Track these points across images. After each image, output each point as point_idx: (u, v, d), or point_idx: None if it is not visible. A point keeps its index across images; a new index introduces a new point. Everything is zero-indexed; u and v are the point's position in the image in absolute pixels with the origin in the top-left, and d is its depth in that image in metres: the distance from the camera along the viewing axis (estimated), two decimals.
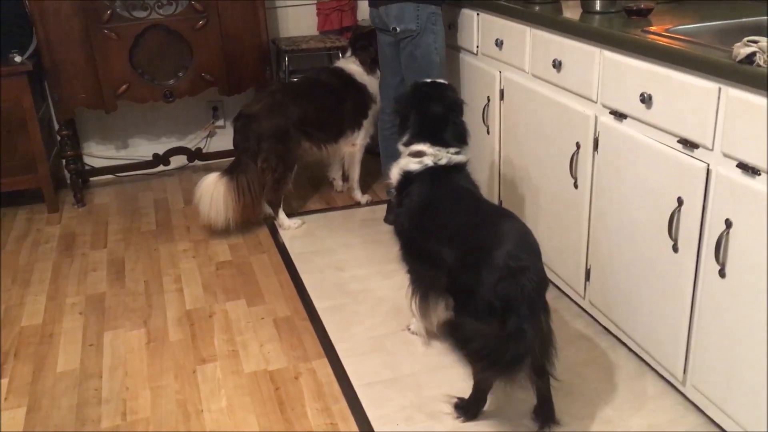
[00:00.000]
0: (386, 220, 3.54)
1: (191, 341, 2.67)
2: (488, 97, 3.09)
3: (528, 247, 2.05)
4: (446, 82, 2.58)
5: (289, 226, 3.55)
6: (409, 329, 2.65)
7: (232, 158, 3.59)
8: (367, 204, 3.81)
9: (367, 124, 3.72)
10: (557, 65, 2.55)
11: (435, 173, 2.36)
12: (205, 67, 3.95)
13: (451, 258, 2.12)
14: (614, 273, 2.41)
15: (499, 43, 2.95)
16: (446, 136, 2.41)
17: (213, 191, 3.32)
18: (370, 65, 3.63)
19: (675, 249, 2.08)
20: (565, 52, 2.50)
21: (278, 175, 3.44)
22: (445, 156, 2.38)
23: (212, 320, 2.80)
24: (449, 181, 2.35)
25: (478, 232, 2.12)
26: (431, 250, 2.21)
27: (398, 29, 3.04)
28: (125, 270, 3.22)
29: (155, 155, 4.30)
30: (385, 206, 3.63)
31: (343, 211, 3.77)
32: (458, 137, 2.43)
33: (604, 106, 2.34)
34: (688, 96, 1.97)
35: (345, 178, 3.97)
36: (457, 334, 1.99)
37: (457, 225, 2.19)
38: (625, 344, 2.48)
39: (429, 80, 2.58)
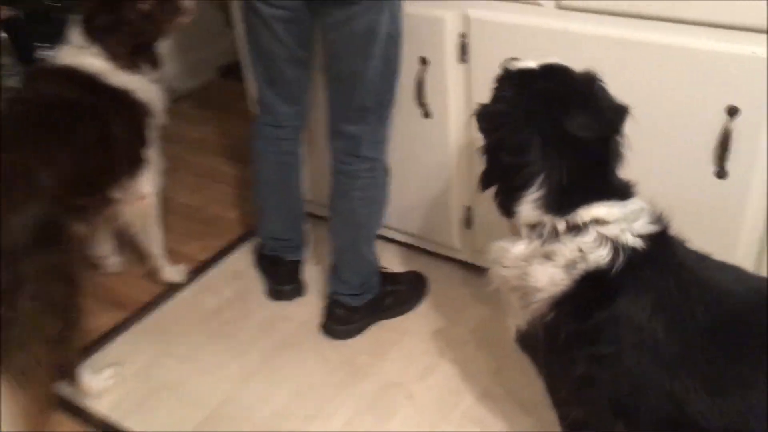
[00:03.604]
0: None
1: None
2: (423, 58, 1.82)
3: None
4: (572, 67, 1.28)
5: (98, 390, 1.86)
6: None
7: None
8: (189, 277, 2.24)
9: (152, 156, 2.06)
10: None
11: (649, 259, 1.14)
12: None
13: None
14: None
15: None
16: (615, 177, 1.20)
17: None
18: (131, 56, 1.95)
19: None
20: None
21: (67, 314, 1.70)
22: (635, 218, 1.17)
23: None
24: (682, 265, 1.16)
25: None
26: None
27: None
28: None
29: None
30: (219, 269, 2.22)
31: (159, 312, 2.14)
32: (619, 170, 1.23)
33: None
34: None
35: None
36: None
37: None
38: None
39: (544, 63, 1.26)
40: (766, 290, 1.09)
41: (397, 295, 2.02)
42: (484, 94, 1.71)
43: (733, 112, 1.45)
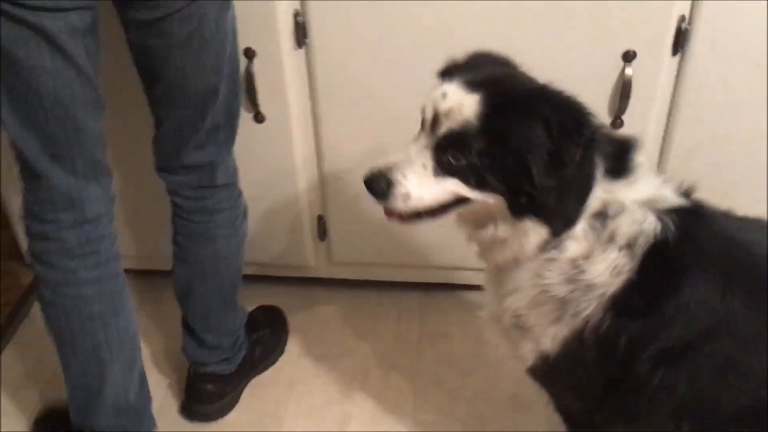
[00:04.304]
0: None
1: None
2: (249, 50, 1.45)
3: None
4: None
5: None
6: None
7: None
8: None
9: None
10: None
11: (698, 221, 0.99)
12: None
13: None
14: None
15: None
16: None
17: None
18: None
19: None
20: None
21: None
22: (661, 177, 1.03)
23: None
24: (727, 226, 1.02)
25: None
26: None
27: None
28: None
29: None
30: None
31: None
32: None
33: None
34: None
35: None
36: None
37: None
38: None
39: (474, 62, 1.02)
40: None
41: (264, 342, 1.65)
42: (331, 80, 1.45)
43: (629, 57, 1.38)
